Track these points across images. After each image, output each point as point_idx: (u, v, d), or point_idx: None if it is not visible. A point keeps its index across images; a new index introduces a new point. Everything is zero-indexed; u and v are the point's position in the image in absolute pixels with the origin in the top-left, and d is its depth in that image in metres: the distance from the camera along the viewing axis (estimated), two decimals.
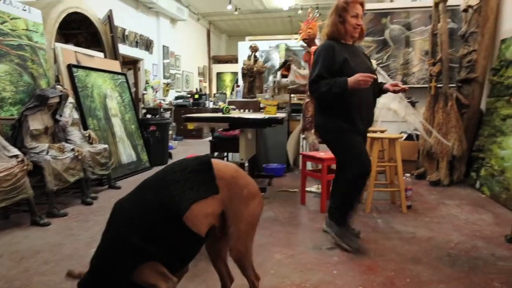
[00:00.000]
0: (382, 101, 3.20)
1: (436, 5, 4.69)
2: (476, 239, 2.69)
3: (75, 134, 3.94)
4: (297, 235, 2.87)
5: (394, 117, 3.42)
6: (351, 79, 2.34)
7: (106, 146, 4.18)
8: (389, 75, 5.38)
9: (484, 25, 4.44)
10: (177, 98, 10.17)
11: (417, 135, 4.85)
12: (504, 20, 4.37)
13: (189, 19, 11.36)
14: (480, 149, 4.26)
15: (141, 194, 1.49)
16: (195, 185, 1.45)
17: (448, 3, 4.63)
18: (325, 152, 3.41)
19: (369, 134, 3.67)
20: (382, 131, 3.92)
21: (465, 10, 4.67)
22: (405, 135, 5.09)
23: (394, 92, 2.62)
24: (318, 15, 4.11)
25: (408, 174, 3.70)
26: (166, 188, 1.45)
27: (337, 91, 2.37)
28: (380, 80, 3.37)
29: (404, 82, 5.51)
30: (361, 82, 2.32)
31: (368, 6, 5.86)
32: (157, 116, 6.87)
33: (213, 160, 1.56)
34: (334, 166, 3.88)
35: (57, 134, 3.75)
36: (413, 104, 5.18)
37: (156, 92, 8.97)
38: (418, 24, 5.55)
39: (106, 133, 4.74)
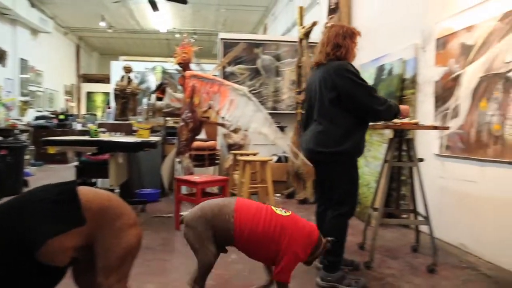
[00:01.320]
0: (254, 126, 3.37)
1: (300, 41, 5.23)
2: None
3: None
4: (171, 262, 2.77)
5: (265, 140, 3.64)
6: (402, 108, 2.40)
7: None
8: (260, 102, 5.75)
9: None
10: (38, 118, 9.04)
11: (286, 158, 5.24)
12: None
13: (54, 32, 10.38)
14: None
15: None
16: (55, 217, 1.31)
17: (310, 40, 5.21)
18: (199, 176, 3.42)
19: (241, 157, 3.83)
20: (254, 154, 4.13)
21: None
22: (275, 158, 5.46)
23: None
24: (193, 40, 4.17)
25: (278, 194, 3.95)
26: (22, 220, 1.29)
27: (395, 112, 2.37)
28: (251, 106, 3.58)
29: (274, 108, 5.96)
30: (406, 115, 2.43)
31: (242, 36, 6.24)
32: (10, 138, 5.96)
33: (81, 189, 1.42)
34: (208, 189, 3.94)
35: None
36: (282, 128, 5.61)
37: (10, 110, 7.84)
38: (286, 56, 6.11)
39: None
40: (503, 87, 2.70)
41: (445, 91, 3.32)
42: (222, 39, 6.01)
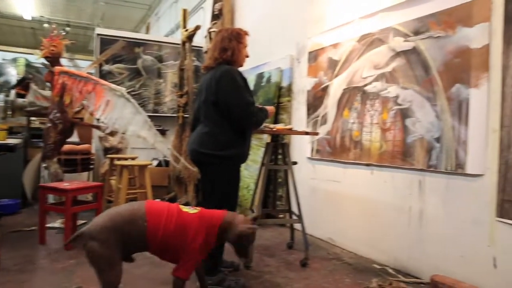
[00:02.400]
0: (132, 128, 3.20)
1: (183, 43, 5.16)
2: None
3: None
4: (32, 282, 2.44)
5: (144, 144, 3.49)
6: (269, 110, 2.48)
7: None
8: (140, 104, 5.51)
9: None
10: None
11: (167, 162, 5.12)
12: None
13: None
14: None
15: None
16: None
17: (193, 44, 5.19)
18: (69, 183, 3.10)
19: (118, 162, 3.61)
20: (133, 158, 3.93)
21: (206, 52, 5.37)
22: (155, 162, 5.29)
23: None
24: (64, 33, 3.78)
25: (158, 200, 3.83)
26: None
27: (265, 119, 2.45)
28: (130, 108, 3.40)
29: (155, 111, 5.78)
30: (271, 116, 2.57)
31: (122, 33, 5.89)
32: None
33: None
34: (81, 197, 3.60)
35: None
36: (163, 132, 5.47)
37: None
38: (169, 58, 5.98)
39: None
40: (361, 98, 3.10)
41: (315, 100, 3.66)
42: (99, 34, 5.58)
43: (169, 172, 5.00)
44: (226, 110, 2.32)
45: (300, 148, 3.87)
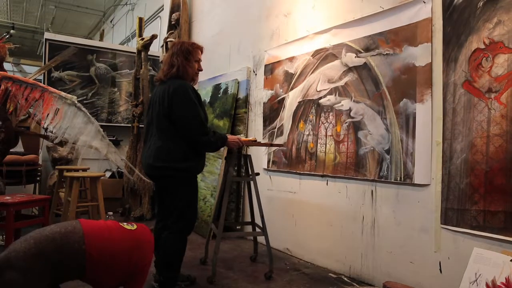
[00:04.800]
0: (83, 139, 3.06)
1: (139, 52, 5.07)
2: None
3: None
4: None
5: (96, 155, 3.35)
6: (231, 139, 2.53)
7: None
8: (93, 113, 5.32)
9: None
10: None
11: (121, 173, 4.95)
12: None
13: None
14: None
15: None
16: None
17: (150, 53, 5.10)
18: (11, 196, 2.90)
19: (67, 173, 3.44)
20: (84, 170, 3.76)
21: (162, 62, 5.29)
22: (109, 173, 5.10)
23: None
24: (8, 36, 3.57)
25: (110, 213, 3.68)
26: None
27: (219, 146, 2.45)
28: (81, 117, 3.25)
29: (109, 121, 5.59)
30: (241, 145, 2.63)
31: (73, 39, 5.66)
32: None
33: None
34: (26, 212, 3.37)
35: None
36: (117, 142, 5.30)
37: None
38: (124, 67, 5.83)
39: None
40: (316, 111, 3.19)
41: (272, 112, 3.71)
42: (48, 39, 5.34)
43: (123, 183, 4.83)
44: (180, 126, 2.30)
45: (257, 160, 3.89)
